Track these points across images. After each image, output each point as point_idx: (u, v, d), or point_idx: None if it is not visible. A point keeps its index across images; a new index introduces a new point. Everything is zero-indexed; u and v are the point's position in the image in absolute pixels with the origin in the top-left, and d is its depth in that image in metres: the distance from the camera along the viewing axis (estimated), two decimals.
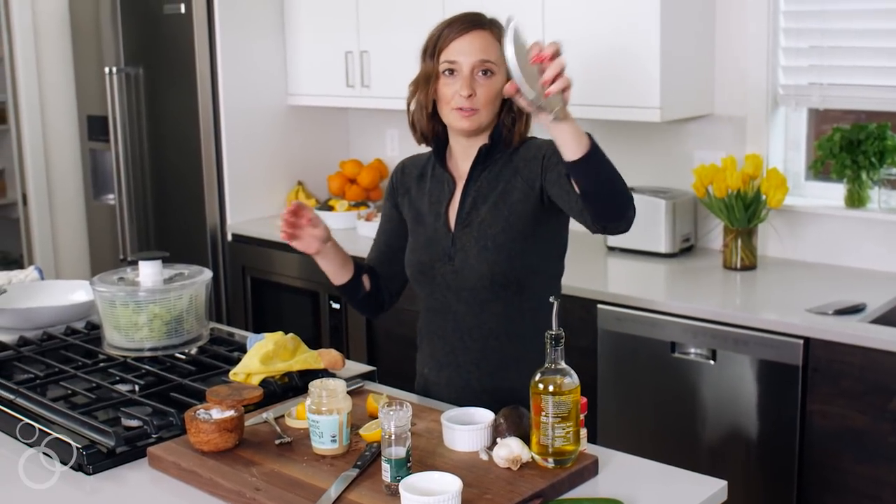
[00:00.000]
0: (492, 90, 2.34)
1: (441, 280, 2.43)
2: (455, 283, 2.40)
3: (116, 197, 5.28)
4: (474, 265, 2.36)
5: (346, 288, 2.60)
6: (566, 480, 1.98)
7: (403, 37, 4.43)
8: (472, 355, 2.42)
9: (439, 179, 2.49)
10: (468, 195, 2.42)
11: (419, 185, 2.54)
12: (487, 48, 2.33)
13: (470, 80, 2.33)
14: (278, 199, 5.03)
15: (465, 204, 2.42)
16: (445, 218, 2.44)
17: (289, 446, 2.15)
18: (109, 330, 2.72)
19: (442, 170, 2.49)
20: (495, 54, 2.32)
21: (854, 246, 3.66)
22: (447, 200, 2.46)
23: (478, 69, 2.33)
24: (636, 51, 3.69)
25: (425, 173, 2.54)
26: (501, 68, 2.31)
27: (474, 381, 2.42)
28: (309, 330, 4.58)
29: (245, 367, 2.48)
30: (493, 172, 2.40)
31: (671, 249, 3.85)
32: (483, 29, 2.35)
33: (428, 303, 2.50)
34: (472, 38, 2.34)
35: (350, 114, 5.26)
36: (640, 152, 4.12)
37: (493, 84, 2.33)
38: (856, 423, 3.00)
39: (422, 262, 2.46)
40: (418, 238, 2.50)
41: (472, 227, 2.39)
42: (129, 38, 5.08)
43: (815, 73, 3.73)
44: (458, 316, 2.42)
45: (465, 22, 2.37)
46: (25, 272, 3.56)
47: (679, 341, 3.33)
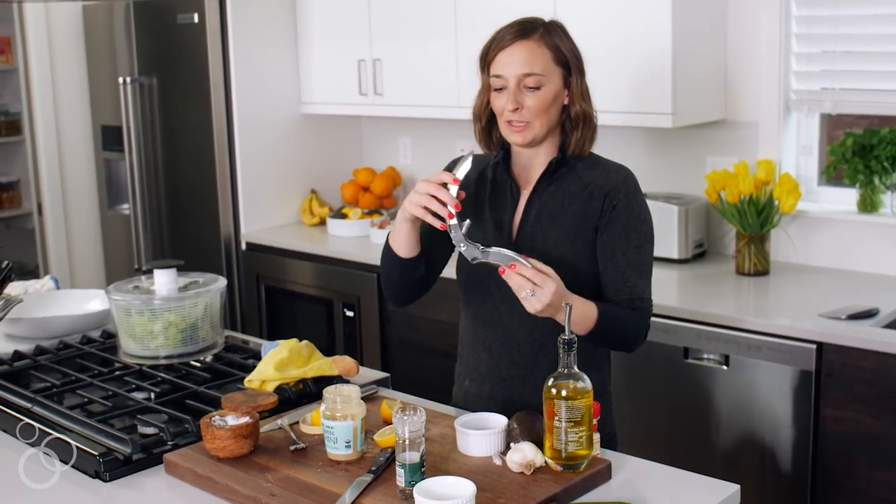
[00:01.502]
0: (542, 101, 2.27)
1: (496, 291, 2.34)
2: (510, 296, 2.26)
3: (131, 206, 5.30)
4: None
5: (409, 263, 2.35)
6: (579, 485, 1.99)
7: (416, 45, 4.45)
8: (519, 370, 2.37)
9: (502, 186, 2.40)
10: (532, 207, 2.35)
11: (479, 184, 2.42)
12: (532, 60, 2.25)
13: (516, 94, 2.26)
14: (292, 208, 5.05)
15: (529, 217, 2.34)
16: (509, 229, 2.37)
17: (303, 452, 2.16)
18: (125, 338, 2.73)
19: (505, 175, 2.40)
20: (541, 65, 2.25)
21: (867, 251, 3.66)
22: (511, 210, 2.38)
23: (523, 82, 2.26)
24: (648, 56, 3.70)
25: (486, 174, 2.43)
26: (550, 77, 2.27)
27: (517, 396, 2.36)
28: (323, 337, 4.59)
29: (260, 373, 2.49)
30: (559, 186, 2.34)
31: (684, 255, 3.86)
32: (529, 39, 2.27)
33: (476, 312, 2.43)
34: (515, 50, 2.26)
35: (363, 122, 5.27)
36: (653, 158, 4.12)
37: (541, 96, 2.26)
38: (869, 428, 3.00)
39: (479, 271, 2.33)
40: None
41: (536, 243, 2.32)
42: (142, 48, 5.11)
43: (827, 79, 3.73)
44: (509, 329, 2.37)
45: (512, 31, 2.28)
46: (41, 282, 3.59)
47: (692, 347, 3.34)
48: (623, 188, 2.31)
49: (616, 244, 2.29)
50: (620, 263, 2.29)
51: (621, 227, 2.29)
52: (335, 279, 4.53)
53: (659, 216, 3.73)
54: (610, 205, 2.30)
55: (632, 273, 2.29)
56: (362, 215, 4.76)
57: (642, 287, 2.31)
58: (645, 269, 2.32)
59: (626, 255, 2.29)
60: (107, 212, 5.66)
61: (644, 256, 2.31)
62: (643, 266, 2.31)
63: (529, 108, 2.27)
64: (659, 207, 3.80)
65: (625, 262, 2.29)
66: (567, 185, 2.34)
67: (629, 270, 2.29)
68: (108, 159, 5.54)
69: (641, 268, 2.31)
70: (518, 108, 2.27)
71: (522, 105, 2.27)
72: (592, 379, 2.08)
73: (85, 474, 2.16)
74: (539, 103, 2.27)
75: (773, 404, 3.19)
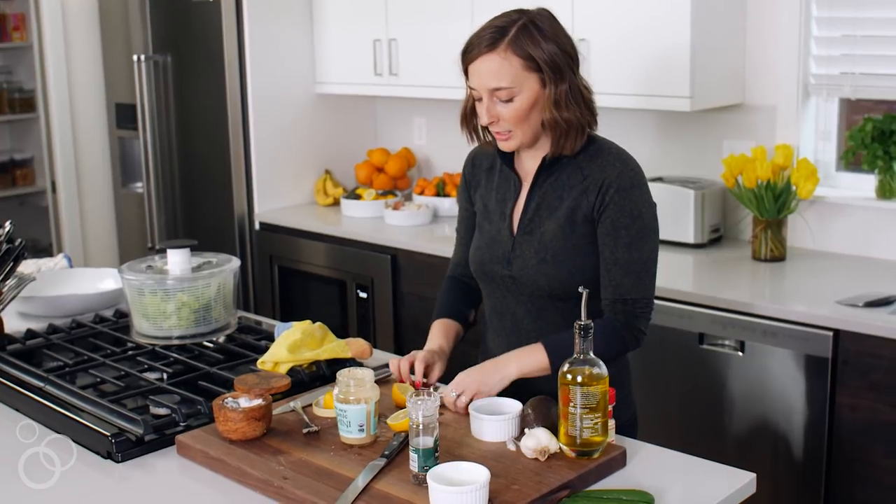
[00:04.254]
0: (516, 112, 2.22)
1: (500, 282, 2.37)
2: (514, 287, 2.33)
3: (145, 185, 5.29)
4: (532, 275, 2.29)
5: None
6: (594, 471, 1.98)
7: (432, 25, 4.43)
8: None
9: (506, 177, 2.40)
10: (532, 200, 2.32)
11: (488, 178, 2.44)
12: (500, 73, 2.19)
13: (489, 106, 2.23)
14: (306, 188, 5.03)
15: (529, 209, 2.33)
16: (510, 220, 2.36)
17: (316, 435, 2.15)
18: (138, 318, 2.73)
19: (509, 167, 2.38)
20: (510, 77, 2.19)
21: (885, 237, 3.63)
22: (513, 201, 2.37)
23: (495, 94, 2.22)
24: (667, 40, 3.67)
25: (494, 166, 2.43)
26: (524, 85, 2.20)
27: (535, 381, 2.32)
28: (336, 318, 4.59)
29: (273, 355, 2.48)
30: (559, 178, 2.30)
31: (700, 240, 3.84)
32: (495, 51, 2.19)
33: (489, 301, 2.45)
34: (482, 64, 2.21)
35: (378, 102, 5.25)
36: (670, 142, 4.10)
37: (515, 107, 2.21)
38: (886, 417, 2.98)
39: (483, 261, 2.39)
40: (483, 235, 2.41)
41: (534, 236, 2.31)
42: (157, 26, 5.09)
43: (847, 63, 3.70)
44: (517, 318, 2.37)
45: (481, 41, 2.22)
46: (54, 260, 3.59)
47: (707, 332, 3.32)
48: (616, 183, 2.24)
49: (605, 241, 2.25)
50: (608, 261, 2.25)
51: (610, 225, 2.24)
52: (349, 260, 4.52)
53: (675, 200, 3.74)
54: (601, 200, 2.25)
55: (618, 272, 2.24)
56: (376, 196, 4.75)
57: (629, 286, 2.24)
58: (634, 269, 2.24)
59: (613, 252, 2.24)
60: (120, 190, 5.66)
61: (634, 255, 2.24)
62: (632, 265, 2.24)
63: (506, 119, 2.24)
64: (675, 191, 3.77)
65: (612, 261, 2.24)
66: (567, 177, 2.30)
67: (615, 269, 2.24)
68: (122, 137, 5.53)
69: (630, 267, 2.24)
70: (493, 120, 2.24)
71: (498, 117, 2.24)
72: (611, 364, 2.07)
73: (97, 454, 2.16)
74: (514, 114, 2.22)
75: (788, 391, 3.17)
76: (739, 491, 1.99)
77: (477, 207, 2.47)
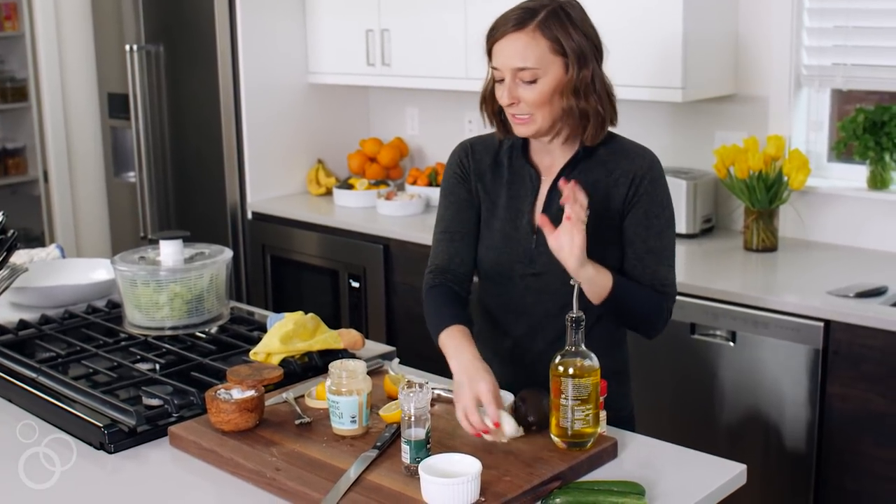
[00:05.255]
0: (538, 95, 2.17)
1: (520, 281, 2.30)
2: (535, 286, 2.28)
3: (137, 174, 5.29)
4: (560, 272, 2.16)
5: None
6: (585, 463, 1.99)
7: (425, 15, 4.43)
8: (540, 355, 2.28)
9: (520, 173, 2.33)
10: (555, 196, 2.23)
11: (495, 172, 2.35)
12: (525, 53, 2.15)
13: (511, 87, 2.18)
14: (298, 177, 5.03)
15: (553, 205, 2.25)
16: (530, 217, 2.30)
17: (308, 426, 2.16)
18: (130, 309, 2.73)
19: (523, 161, 2.33)
20: (535, 58, 2.15)
21: (876, 228, 3.64)
22: (532, 197, 2.31)
23: (518, 76, 2.17)
24: (659, 30, 3.67)
25: (501, 161, 2.36)
26: (548, 69, 2.16)
27: (541, 380, 2.27)
28: (328, 308, 4.59)
29: (265, 346, 2.49)
30: (582, 173, 2.26)
31: (692, 230, 3.85)
32: (523, 30, 2.15)
33: (499, 299, 2.36)
34: (509, 42, 2.17)
35: (370, 92, 5.25)
36: (662, 132, 4.10)
37: (538, 89, 2.16)
38: (876, 407, 2.99)
39: (500, 262, 2.31)
40: (493, 235, 2.34)
41: None
42: (149, 15, 5.08)
43: (838, 54, 3.70)
44: (534, 318, 2.32)
45: (509, 20, 2.18)
46: (47, 250, 3.58)
47: (699, 322, 3.33)
48: (649, 174, 2.25)
49: (637, 230, 2.25)
50: (640, 250, 2.25)
51: (643, 214, 2.24)
52: (341, 250, 4.52)
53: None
54: (635, 190, 2.24)
55: (651, 260, 2.25)
56: (369, 186, 4.75)
57: (664, 273, 2.26)
58: (666, 256, 2.27)
59: (646, 242, 2.24)
60: (113, 179, 5.65)
61: (665, 243, 2.26)
62: (664, 252, 2.26)
63: (527, 102, 2.18)
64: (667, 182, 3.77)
65: (644, 250, 2.25)
66: (591, 173, 2.27)
67: (649, 257, 2.25)
68: (115, 127, 5.52)
69: (662, 254, 2.26)
70: (514, 102, 2.19)
71: (519, 99, 2.19)
72: (614, 358, 2.08)
73: (90, 445, 2.17)
74: (536, 97, 2.17)
75: (779, 381, 3.18)
76: (730, 482, 2.00)
77: (482, 202, 2.38)
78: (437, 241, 2.40)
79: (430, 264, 2.40)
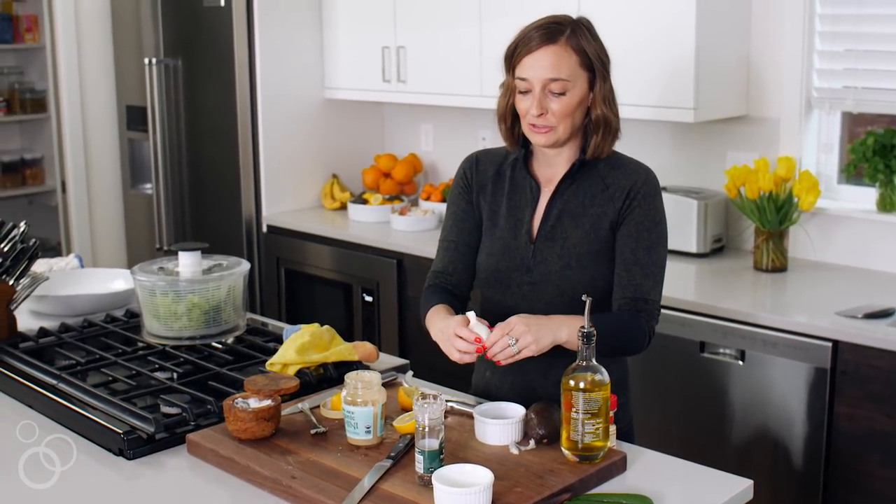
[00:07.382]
0: (566, 106, 2.27)
1: (517, 290, 2.38)
2: (531, 294, 2.35)
3: (154, 186, 5.34)
4: (555, 281, 2.32)
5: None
6: (595, 476, 2.02)
7: (440, 32, 4.47)
8: (541, 364, 2.32)
9: (521, 184, 2.42)
10: (554, 207, 2.36)
11: (496, 183, 2.45)
12: (559, 65, 2.25)
13: (541, 98, 2.26)
14: (313, 192, 5.08)
15: (551, 216, 2.36)
16: (529, 227, 2.38)
17: (323, 436, 2.20)
18: (149, 318, 2.77)
19: (525, 173, 2.42)
20: (567, 70, 2.25)
21: (885, 250, 3.67)
22: (531, 207, 2.39)
23: (548, 87, 2.26)
24: (671, 51, 3.71)
25: (503, 172, 2.45)
26: (576, 82, 2.27)
27: (539, 389, 2.37)
28: (341, 321, 4.62)
29: (282, 357, 2.52)
30: (581, 186, 2.36)
31: (702, 249, 3.87)
32: (556, 43, 2.26)
33: (496, 308, 2.41)
34: (542, 55, 2.25)
35: (386, 108, 5.29)
36: (674, 152, 4.14)
37: (566, 101, 2.27)
38: (883, 427, 3.01)
39: (498, 269, 2.39)
40: (494, 242, 2.42)
41: (556, 242, 2.34)
42: (168, 30, 5.14)
43: (849, 77, 3.74)
44: None
45: (539, 34, 2.27)
46: (66, 260, 3.63)
47: (708, 341, 3.36)
48: (643, 189, 2.33)
49: (626, 242, 2.31)
50: (628, 261, 2.31)
51: (634, 227, 2.31)
52: (355, 264, 4.56)
53: (678, 210, 3.77)
54: (629, 204, 2.31)
55: (638, 272, 2.30)
56: (383, 201, 4.79)
57: (648, 288, 2.31)
58: (653, 271, 2.32)
59: (634, 253, 2.30)
60: (129, 191, 5.70)
61: (654, 258, 2.32)
62: (652, 267, 2.31)
63: (554, 113, 2.27)
64: (678, 201, 3.81)
65: (633, 261, 2.30)
66: (588, 185, 2.35)
67: (636, 269, 2.30)
68: (132, 139, 5.57)
69: (650, 269, 2.31)
70: (543, 112, 2.27)
71: (547, 110, 2.27)
72: (613, 370, 2.11)
73: (108, 451, 2.21)
74: (564, 108, 2.27)
75: (787, 401, 3.21)
76: (737, 497, 2.02)
77: (483, 212, 2.46)
78: (439, 248, 2.54)
79: (432, 268, 2.55)
